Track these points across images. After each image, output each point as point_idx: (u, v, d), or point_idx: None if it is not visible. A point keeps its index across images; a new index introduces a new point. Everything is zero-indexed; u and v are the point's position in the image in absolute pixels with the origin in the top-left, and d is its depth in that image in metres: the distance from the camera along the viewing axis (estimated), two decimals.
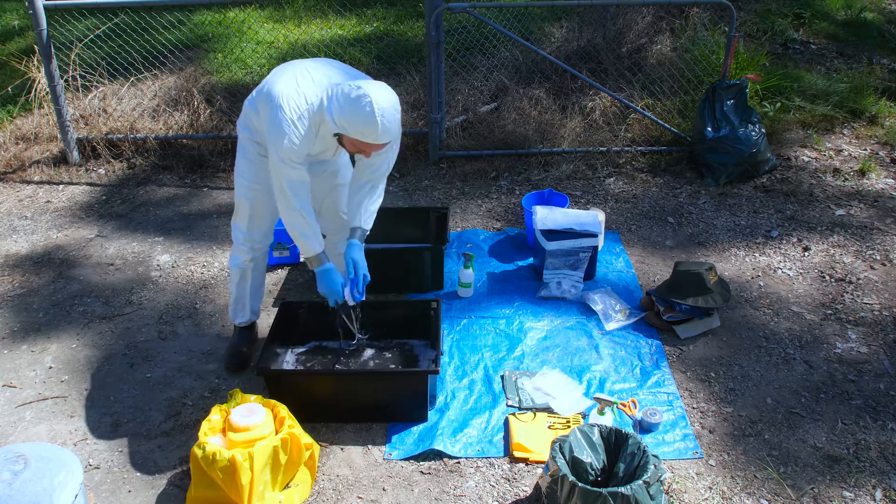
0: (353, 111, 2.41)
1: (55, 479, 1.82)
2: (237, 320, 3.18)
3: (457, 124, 4.98)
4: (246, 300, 3.13)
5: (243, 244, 2.99)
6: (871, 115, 5.16)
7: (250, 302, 3.15)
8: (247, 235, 2.97)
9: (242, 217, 2.95)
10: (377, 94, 2.41)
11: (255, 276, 3.11)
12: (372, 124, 2.40)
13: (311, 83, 2.55)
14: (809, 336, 3.23)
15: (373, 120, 2.39)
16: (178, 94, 5.32)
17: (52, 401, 2.98)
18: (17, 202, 4.57)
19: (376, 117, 2.39)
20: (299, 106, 2.51)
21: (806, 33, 6.48)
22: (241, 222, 2.97)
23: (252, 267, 3.07)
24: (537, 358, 3.14)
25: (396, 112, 2.47)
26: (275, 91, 2.53)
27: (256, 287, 3.14)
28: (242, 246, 3.00)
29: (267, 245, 3.08)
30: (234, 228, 3.02)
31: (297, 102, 2.51)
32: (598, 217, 3.63)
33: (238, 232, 3.00)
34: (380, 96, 2.41)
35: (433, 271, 3.56)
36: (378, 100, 2.39)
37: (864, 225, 4.04)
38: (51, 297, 3.63)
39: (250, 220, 2.94)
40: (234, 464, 2.31)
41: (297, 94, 2.51)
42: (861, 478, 2.54)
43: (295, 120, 2.50)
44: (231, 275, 3.10)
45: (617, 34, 5.77)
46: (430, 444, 2.68)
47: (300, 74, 2.57)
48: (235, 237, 3.01)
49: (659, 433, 2.73)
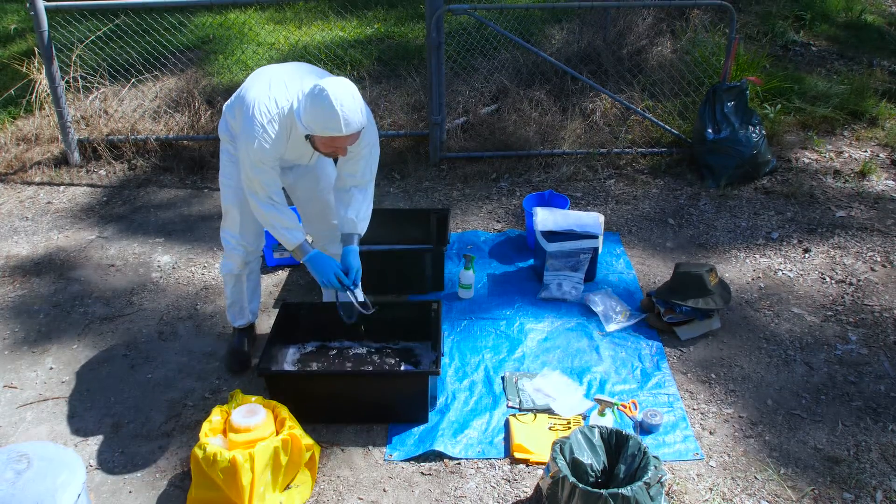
0: (314, 108, 2.44)
1: (58, 479, 1.83)
2: (236, 323, 3.19)
3: (457, 126, 4.99)
4: (244, 303, 3.14)
5: (236, 249, 2.97)
6: (871, 117, 5.16)
7: (248, 304, 3.15)
8: (239, 239, 2.96)
9: (233, 222, 2.94)
10: (333, 86, 2.42)
11: (251, 279, 3.11)
12: (333, 117, 2.42)
13: (284, 88, 2.57)
14: (810, 338, 3.23)
15: (333, 112, 2.41)
16: (179, 96, 5.32)
17: (53, 402, 2.98)
18: (17, 203, 4.58)
19: (336, 108, 2.40)
20: (269, 110, 2.54)
21: (806, 35, 6.49)
22: (232, 227, 2.95)
23: (247, 272, 3.06)
24: (538, 359, 3.14)
25: (355, 101, 2.46)
26: (248, 97, 2.59)
27: (252, 289, 3.14)
28: (235, 251, 2.98)
29: (260, 247, 3.07)
30: (223, 234, 3.00)
31: (268, 107, 2.54)
32: (599, 219, 3.63)
33: (230, 238, 2.97)
34: (336, 88, 2.42)
35: (434, 273, 3.56)
36: (335, 92, 2.41)
37: (864, 227, 4.04)
38: (51, 298, 3.63)
39: (241, 223, 2.93)
40: (234, 465, 2.31)
41: (268, 100, 2.55)
42: (862, 479, 2.54)
43: (265, 124, 2.53)
44: (225, 281, 3.10)
45: (617, 36, 5.77)
46: (430, 445, 2.68)
47: (274, 80, 2.61)
48: (227, 243, 2.99)
49: (659, 434, 2.73)
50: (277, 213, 2.69)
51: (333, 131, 2.46)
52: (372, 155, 2.80)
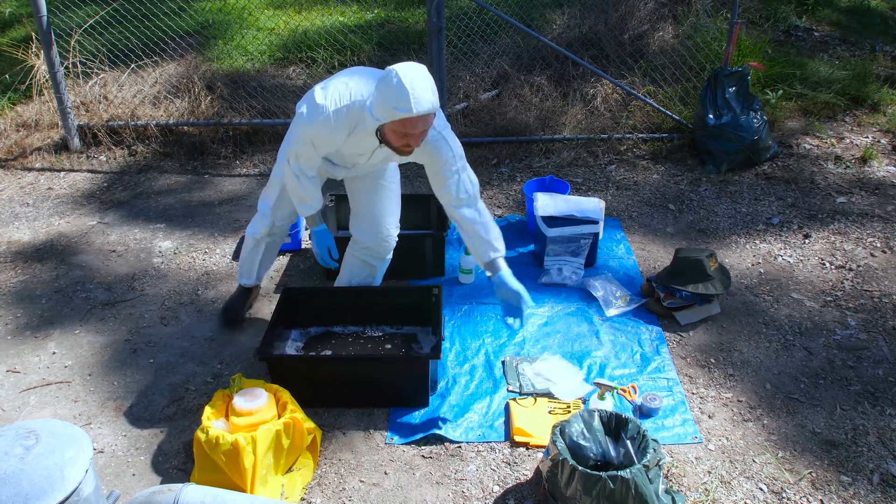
0: (384, 88, 2.36)
1: (66, 455, 1.85)
2: (241, 280, 3.32)
3: (458, 111, 4.98)
4: (254, 267, 3.26)
5: (266, 217, 3.11)
6: (873, 102, 5.14)
7: (258, 269, 3.27)
8: (271, 211, 3.09)
9: (272, 193, 3.08)
10: (403, 67, 2.36)
11: (269, 249, 3.24)
12: (403, 95, 2.30)
13: (363, 85, 2.54)
14: (809, 323, 3.25)
15: (402, 89, 2.30)
16: (179, 82, 5.31)
17: (56, 386, 3.00)
18: (18, 189, 4.58)
19: (406, 86, 2.30)
20: (342, 98, 2.53)
21: (809, 20, 6.45)
22: (270, 197, 3.09)
23: (268, 241, 3.19)
24: (538, 344, 3.15)
25: (427, 80, 2.36)
26: (331, 82, 2.60)
27: (267, 258, 3.28)
28: (264, 218, 3.12)
29: (286, 227, 3.21)
30: (261, 200, 3.15)
31: (342, 95, 2.53)
32: (599, 204, 3.63)
33: (264, 204, 3.12)
34: (406, 68, 2.35)
35: (434, 258, 3.57)
36: (404, 71, 2.33)
37: (864, 212, 4.04)
38: (53, 284, 3.64)
39: (278, 199, 3.05)
40: (237, 448, 2.33)
41: (344, 87, 2.54)
42: (859, 462, 2.56)
43: (332, 110, 2.50)
44: (245, 241, 3.24)
45: (619, 21, 5.75)
46: (431, 428, 2.70)
47: (358, 75, 2.61)
48: (261, 207, 3.13)
49: (659, 418, 2.75)
50: (300, 185, 2.78)
51: (403, 111, 2.32)
52: (446, 140, 2.62)
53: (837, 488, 2.47)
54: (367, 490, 2.50)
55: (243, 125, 4.96)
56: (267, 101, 5.09)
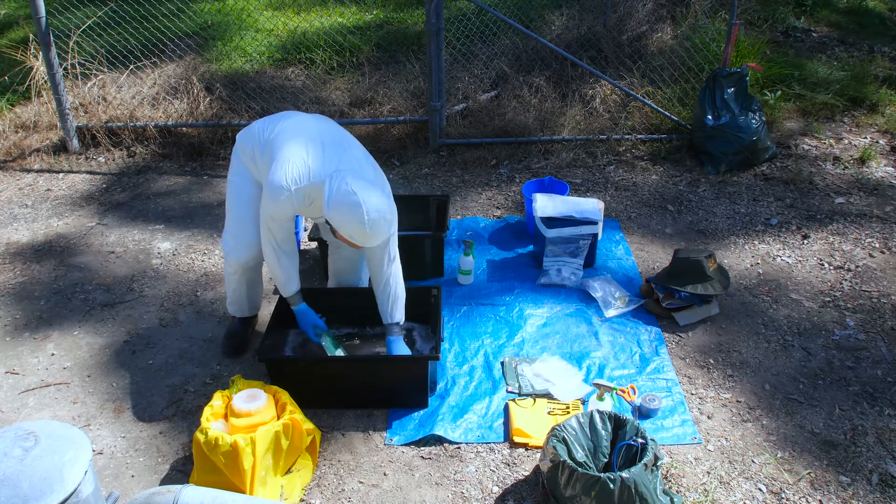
0: (344, 213, 2.45)
1: (65, 456, 1.84)
2: (235, 315, 3.19)
3: (457, 112, 4.98)
4: (243, 300, 3.13)
5: (231, 254, 2.97)
6: (871, 103, 5.15)
7: (248, 302, 3.15)
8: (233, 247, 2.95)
9: (228, 228, 2.98)
10: (371, 202, 2.44)
11: (250, 279, 3.08)
12: (360, 230, 2.47)
13: (321, 162, 2.58)
14: (808, 323, 3.25)
15: (362, 227, 2.45)
16: (178, 83, 5.31)
17: (55, 387, 3.00)
18: (17, 190, 4.58)
19: (366, 227, 2.45)
20: (301, 178, 2.56)
21: (807, 21, 6.46)
22: (227, 234, 2.98)
23: (246, 275, 3.04)
24: (537, 344, 3.15)
25: (386, 217, 2.50)
26: (283, 153, 2.59)
27: (251, 288, 3.12)
28: (230, 256, 2.98)
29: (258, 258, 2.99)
30: (223, 238, 3.02)
31: (301, 174, 2.56)
32: (598, 205, 3.63)
33: (225, 244, 2.99)
34: (372, 205, 2.44)
35: (433, 259, 3.57)
36: (369, 209, 2.43)
37: (863, 213, 4.05)
38: (52, 285, 3.64)
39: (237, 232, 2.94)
40: (236, 449, 2.33)
41: (303, 165, 2.57)
42: (858, 462, 2.56)
43: (293, 190, 2.56)
44: (226, 278, 3.09)
45: (617, 22, 5.75)
46: (430, 429, 2.70)
47: (311, 146, 2.61)
48: (224, 247, 3.00)
49: (658, 419, 2.75)
50: (279, 261, 2.79)
51: (357, 241, 2.52)
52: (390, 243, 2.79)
53: (836, 488, 2.47)
54: (366, 491, 2.50)
55: (242, 126, 4.96)
56: (266, 103, 5.09)
